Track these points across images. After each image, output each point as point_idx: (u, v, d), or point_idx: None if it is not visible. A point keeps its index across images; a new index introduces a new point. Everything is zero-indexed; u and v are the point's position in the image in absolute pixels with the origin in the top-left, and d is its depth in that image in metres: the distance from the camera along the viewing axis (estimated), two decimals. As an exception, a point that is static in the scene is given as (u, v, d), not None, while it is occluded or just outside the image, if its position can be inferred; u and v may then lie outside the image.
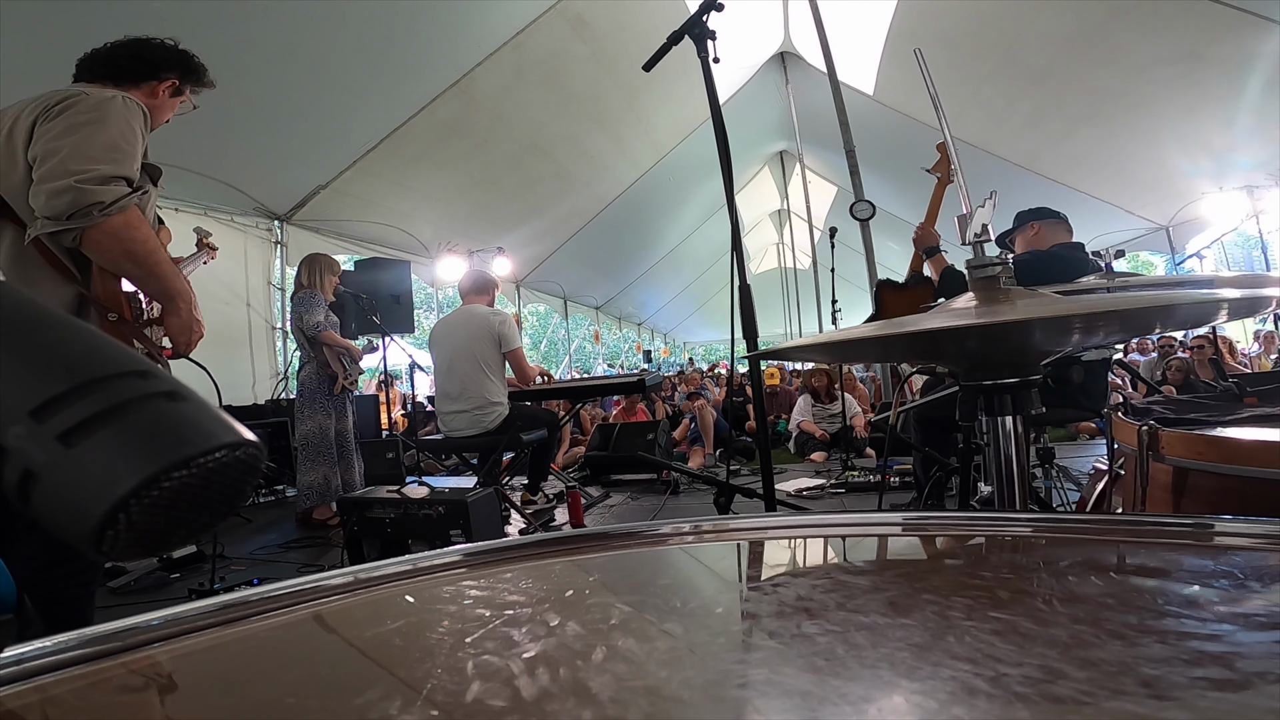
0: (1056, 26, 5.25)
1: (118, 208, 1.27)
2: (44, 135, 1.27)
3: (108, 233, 1.28)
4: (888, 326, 0.73)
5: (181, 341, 1.47)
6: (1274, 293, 0.72)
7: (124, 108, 1.34)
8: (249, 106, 4.27)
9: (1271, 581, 0.38)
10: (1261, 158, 5.64)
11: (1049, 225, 2.53)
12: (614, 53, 5.98)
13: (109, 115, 1.31)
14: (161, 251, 1.40)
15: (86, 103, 1.31)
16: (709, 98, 1.78)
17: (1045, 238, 2.50)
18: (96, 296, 1.37)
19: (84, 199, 1.24)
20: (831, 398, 5.56)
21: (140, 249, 1.34)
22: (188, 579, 2.63)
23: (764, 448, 1.81)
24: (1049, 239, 2.49)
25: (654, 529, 0.58)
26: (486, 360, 3.33)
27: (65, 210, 1.24)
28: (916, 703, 0.26)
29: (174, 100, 1.59)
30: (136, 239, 1.33)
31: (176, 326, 1.46)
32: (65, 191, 1.23)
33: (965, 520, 0.57)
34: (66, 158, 1.24)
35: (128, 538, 0.21)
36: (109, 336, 0.25)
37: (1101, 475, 1.34)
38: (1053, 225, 2.53)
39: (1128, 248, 6.37)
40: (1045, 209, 2.58)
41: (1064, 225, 2.54)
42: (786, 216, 13.76)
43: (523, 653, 0.33)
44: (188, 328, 1.47)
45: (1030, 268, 2.20)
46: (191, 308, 1.46)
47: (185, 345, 1.48)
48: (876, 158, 7.16)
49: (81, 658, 0.36)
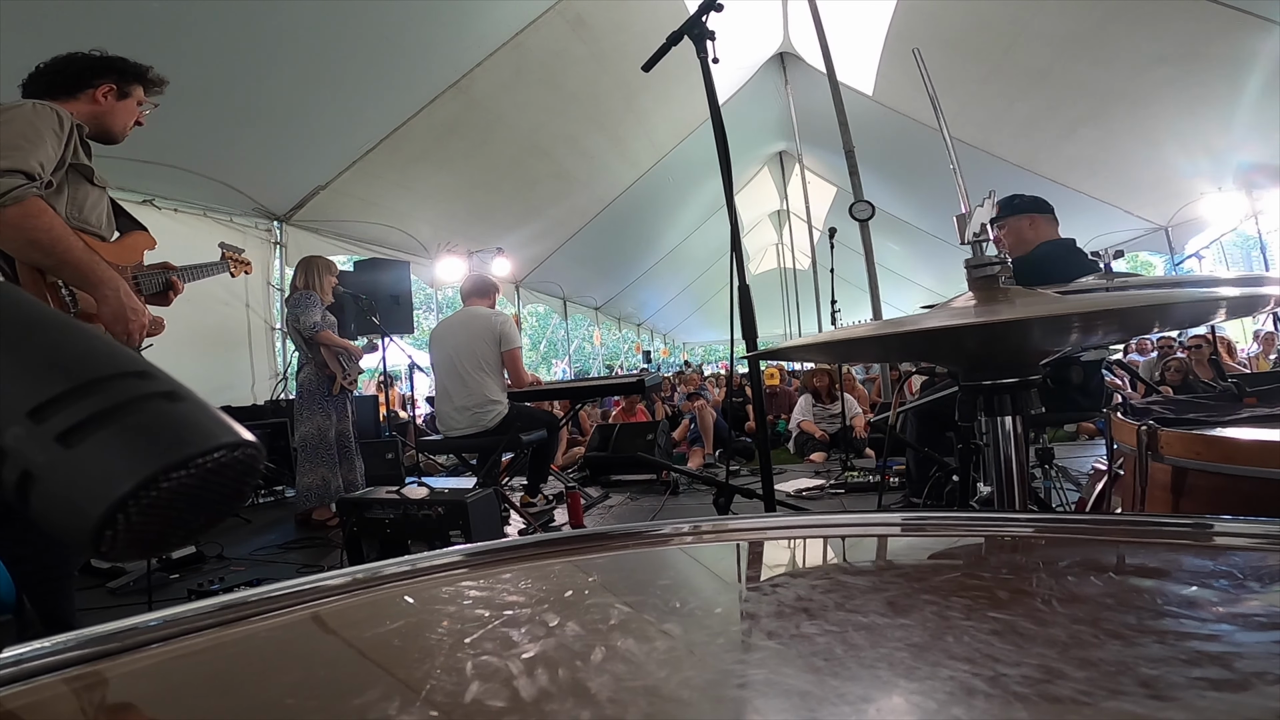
0: (1055, 27, 5.26)
1: (12, 198, 1.34)
2: None
3: (6, 223, 1.35)
4: (887, 326, 0.73)
5: (119, 330, 1.47)
6: (1273, 292, 0.72)
7: (31, 111, 1.43)
8: (248, 107, 4.27)
9: (1270, 582, 0.38)
10: (1261, 158, 5.65)
11: (1045, 219, 2.52)
12: (614, 53, 5.98)
13: (13, 119, 1.40)
14: (71, 239, 1.43)
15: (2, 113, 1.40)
16: (708, 98, 1.78)
17: (1042, 231, 2.50)
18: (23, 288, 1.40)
19: None
20: (831, 398, 5.56)
21: (44, 237, 1.38)
22: (187, 579, 2.63)
23: (763, 448, 1.81)
24: (1044, 233, 2.49)
25: (653, 529, 0.58)
26: (487, 359, 3.35)
27: None
28: (915, 703, 0.26)
29: (125, 104, 1.67)
30: (39, 227, 1.38)
31: (108, 315, 1.46)
32: None
33: (965, 520, 0.57)
34: None
35: (126, 538, 0.21)
36: (108, 337, 0.25)
37: (1101, 475, 1.34)
38: (1048, 220, 2.52)
39: (1127, 248, 6.36)
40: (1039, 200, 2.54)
41: (1054, 219, 2.54)
42: (786, 217, 13.76)
43: (522, 653, 0.33)
44: (121, 315, 1.47)
45: (1033, 268, 2.20)
46: (120, 294, 1.47)
47: (124, 335, 1.47)
48: (876, 158, 7.17)
49: (80, 658, 0.36)
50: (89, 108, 1.59)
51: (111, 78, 1.64)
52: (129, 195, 3.96)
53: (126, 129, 1.70)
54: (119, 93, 1.65)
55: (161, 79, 1.74)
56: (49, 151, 1.42)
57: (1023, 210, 2.53)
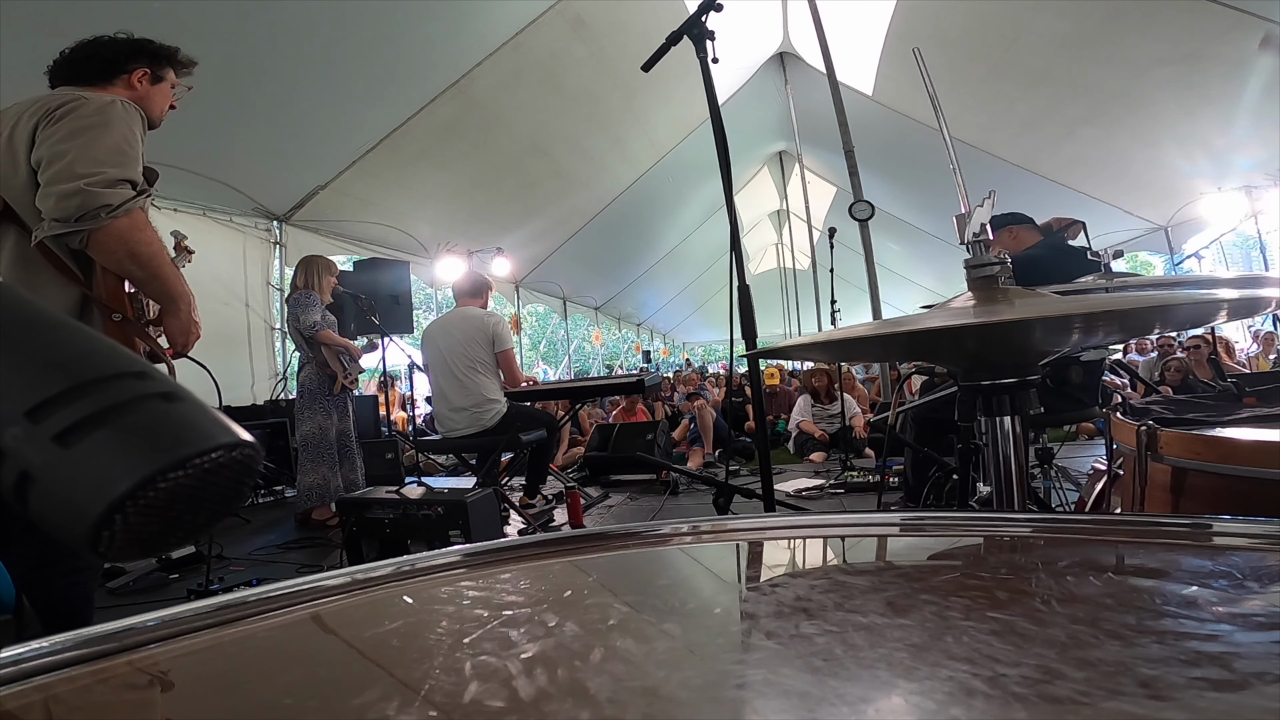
0: (1055, 27, 5.26)
1: (124, 210, 1.29)
2: (48, 139, 1.28)
3: (114, 235, 1.30)
4: (887, 326, 0.73)
5: (179, 342, 1.49)
6: (1272, 293, 0.72)
7: (124, 112, 1.36)
8: (248, 107, 4.27)
9: (1270, 582, 0.38)
10: (1260, 158, 5.65)
11: (1025, 229, 2.58)
12: (613, 53, 5.98)
13: (112, 119, 1.33)
14: (165, 254, 1.42)
15: (89, 107, 1.32)
16: (708, 98, 1.78)
17: (1024, 241, 2.56)
18: (100, 297, 1.38)
19: (92, 201, 1.25)
20: (831, 398, 5.56)
21: (145, 250, 1.36)
22: (186, 579, 2.63)
23: (763, 448, 1.81)
24: (1027, 243, 2.56)
25: (653, 529, 0.58)
26: (481, 360, 3.35)
27: (74, 213, 1.25)
28: (914, 703, 0.26)
29: (160, 88, 1.58)
30: (142, 241, 1.35)
31: (175, 328, 1.47)
32: (74, 194, 1.24)
33: (964, 520, 0.57)
34: (74, 161, 1.26)
35: (125, 538, 0.21)
36: (106, 337, 0.25)
37: (1100, 475, 1.34)
38: (1028, 230, 2.58)
39: (1126, 248, 6.36)
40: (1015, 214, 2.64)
41: (1035, 229, 2.61)
42: (785, 217, 13.76)
43: (521, 653, 0.33)
44: (186, 329, 1.48)
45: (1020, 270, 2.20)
46: (191, 309, 1.48)
47: (183, 345, 1.49)
48: (875, 158, 7.17)
49: (80, 658, 0.36)
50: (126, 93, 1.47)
51: (144, 61, 1.53)
52: (128, 195, 3.96)
53: (163, 114, 1.60)
54: (153, 76, 1.55)
55: (191, 60, 1.64)
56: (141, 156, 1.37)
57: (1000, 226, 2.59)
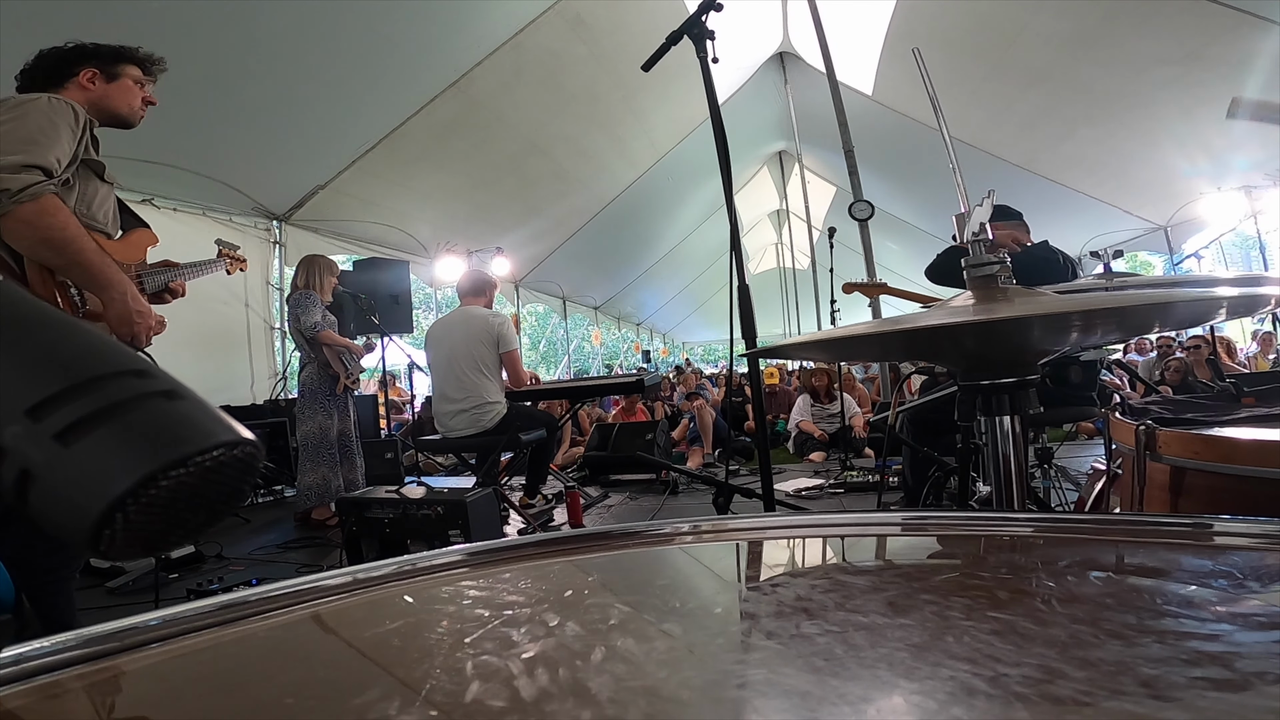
0: (1055, 27, 5.26)
1: (29, 194, 1.30)
2: None
3: (21, 219, 1.32)
4: (886, 325, 0.73)
5: (123, 333, 1.45)
6: (1272, 292, 0.72)
7: (47, 105, 1.40)
8: (248, 106, 4.27)
9: (1270, 581, 0.38)
10: (1259, 158, 5.65)
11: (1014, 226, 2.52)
12: (613, 53, 5.98)
13: (29, 112, 1.37)
14: (85, 240, 1.41)
15: (8, 104, 1.37)
16: (708, 98, 1.78)
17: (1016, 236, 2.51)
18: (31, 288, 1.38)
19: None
20: (831, 398, 5.56)
21: (58, 235, 1.36)
22: (186, 579, 2.63)
23: (763, 448, 1.81)
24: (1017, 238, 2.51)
25: (653, 529, 0.58)
26: (484, 361, 3.34)
27: None
28: (915, 703, 0.26)
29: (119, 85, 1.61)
30: (53, 226, 1.35)
31: (114, 317, 1.45)
32: None
33: (964, 520, 0.57)
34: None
35: (125, 537, 0.21)
36: (107, 336, 0.25)
37: (1100, 475, 1.34)
38: (1016, 226, 2.52)
39: (1126, 248, 6.37)
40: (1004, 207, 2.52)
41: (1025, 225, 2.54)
42: (785, 217, 13.77)
43: (522, 653, 0.33)
44: (127, 319, 1.45)
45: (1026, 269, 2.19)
46: (128, 297, 1.46)
47: (129, 336, 1.46)
48: (875, 158, 7.17)
49: (80, 658, 0.35)
50: (80, 95, 1.53)
51: (91, 62, 1.58)
52: (128, 194, 3.95)
53: (134, 110, 1.63)
54: (105, 75, 1.59)
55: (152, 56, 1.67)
56: (65, 147, 1.39)
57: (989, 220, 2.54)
